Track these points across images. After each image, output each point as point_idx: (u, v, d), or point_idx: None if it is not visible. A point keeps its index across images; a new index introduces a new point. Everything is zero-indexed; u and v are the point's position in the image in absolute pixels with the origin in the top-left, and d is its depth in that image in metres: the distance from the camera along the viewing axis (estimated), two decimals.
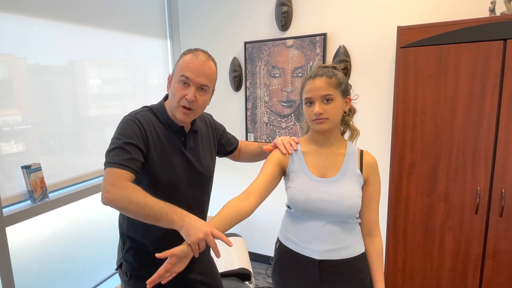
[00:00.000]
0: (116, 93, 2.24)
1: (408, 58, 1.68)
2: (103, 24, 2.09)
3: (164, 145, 1.09)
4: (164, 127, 1.11)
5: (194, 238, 0.86)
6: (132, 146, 1.00)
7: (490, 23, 1.50)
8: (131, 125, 1.04)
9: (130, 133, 1.02)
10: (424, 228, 1.80)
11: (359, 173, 1.10)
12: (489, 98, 1.56)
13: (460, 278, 1.76)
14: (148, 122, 1.08)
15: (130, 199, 0.90)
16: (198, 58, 1.06)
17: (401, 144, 1.77)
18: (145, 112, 1.11)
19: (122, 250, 1.16)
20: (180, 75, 1.05)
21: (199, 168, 1.18)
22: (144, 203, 0.90)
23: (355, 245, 1.10)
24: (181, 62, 1.08)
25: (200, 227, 0.87)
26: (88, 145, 2.00)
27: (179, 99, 1.06)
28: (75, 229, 1.95)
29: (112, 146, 1.01)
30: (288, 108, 2.44)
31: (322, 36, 2.26)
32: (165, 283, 0.83)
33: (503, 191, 1.60)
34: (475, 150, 1.63)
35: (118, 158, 0.97)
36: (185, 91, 1.05)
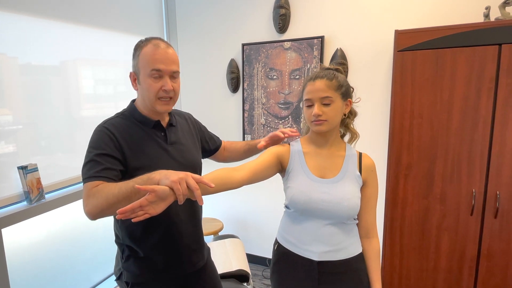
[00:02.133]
0: (110, 93, 2.21)
1: (405, 61, 1.70)
2: (98, 23, 2.06)
3: (142, 145, 1.07)
4: (139, 128, 1.10)
5: (175, 177, 0.81)
6: (104, 156, 0.99)
7: (486, 28, 1.53)
8: (100, 136, 1.02)
9: (101, 144, 1.00)
10: (420, 230, 1.83)
11: (358, 174, 1.11)
12: (484, 102, 1.59)
13: (456, 278, 1.78)
14: (119, 128, 1.06)
15: (106, 195, 0.88)
16: (160, 47, 1.05)
17: (398, 146, 1.79)
18: (115, 119, 1.09)
19: (122, 259, 1.15)
20: (150, 69, 1.03)
21: (184, 161, 1.16)
22: (119, 188, 0.88)
23: (352, 245, 1.11)
24: (143, 56, 1.05)
25: (176, 173, 0.84)
26: (81, 146, 1.95)
27: (156, 92, 1.05)
28: (71, 231, 1.93)
29: (85, 160, 1.00)
30: (285, 110, 2.46)
31: (319, 39, 2.28)
32: (135, 221, 0.77)
33: (498, 193, 1.62)
34: (471, 152, 1.66)
35: (91, 172, 0.96)
36: (160, 83, 1.04)
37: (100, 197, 0.88)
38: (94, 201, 0.89)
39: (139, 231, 1.08)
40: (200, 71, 2.73)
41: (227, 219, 2.85)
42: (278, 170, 1.15)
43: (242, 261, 1.85)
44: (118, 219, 0.76)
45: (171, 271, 1.14)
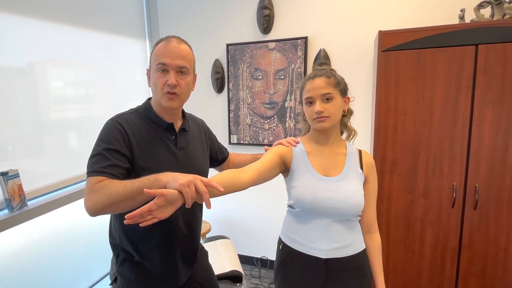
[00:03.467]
0: (81, 95, 2.07)
1: (389, 61, 1.76)
2: (69, 20, 1.92)
3: (151, 146, 1.05)
4: (152, 127, 1.08)
5: (184, 181, 0.80)
6: (113, 152, 0.96)
7: (463, 29, 1.62)
8: (111, 129, 1.00)
9: (111, 139, 0.98)
10: (405, 223, 1.89)
11: (360, 171, 1.13)
12: (463, 99, 1.68)
13: (439, 269, 1.86)
14: (131, 124, 1.04)
15: (109, 193, 0.86)
16: (170, 43, 1.06)
17: (383, 143, 1.85)
18: (129, 115, 1.07)
19: (116, 263, 1.12)
20: (156, 63, 1.04)
21: (190, 168, 1.14)
22: (123, 186, 0.87)
23: (357, 242, 1.13)
24: (155, 52, 1.06)
25: (185, 175, 0.83)
26: (52, 150, 1.83)
27: (162, 87, 1.04)
28: (53, 239, 1.85)
29: (93, 153, 0.98)
30: (271, 110, 2.47)
31: (303, 39, 2.31)
32: (143, 226, 0.76)
33: (477, 186, 1.71)
34: (451, 148, 1.74)
35: (97, 166, 0.94)
36: (165, 77, 1.04)
37: (103, 193, 0.86)
38: (96, 197, 0.87)
39: (138, 233, 1.06)
40: None
41: (214, 220, 2.83)
42: (281, 170, 1.16)
43: (234, 262, 1.85)
44: (126, 223, 0.75)
45: (167, 280, 1.12)
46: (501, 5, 1.71)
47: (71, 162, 1.96)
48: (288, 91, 2.40)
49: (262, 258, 2.74)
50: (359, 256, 1.12)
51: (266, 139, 2.52)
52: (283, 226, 1.22)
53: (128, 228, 1.05)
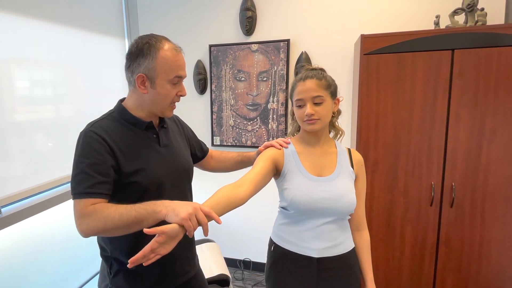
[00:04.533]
0: (49, 96, 1.92)
1: (371, 64, 1.81)
2: (35, 13, 1.78)
3: (135, 148, 1.01)
4: (130, 129, 1.04)
5: (185, 214, 0.79)
6: (96, 166, 0.92)
7: (440, 34, 1.69)
8: (89, 142, 0.95)
9: (91, 152, 0.93)
10: (386, 222, 1.95)
11: (351, 170, 1.15)
12: (440, 102, 1.75)
13: (418, 265, 1.93)
14: (109, 131, 0.98)
15: (104, 220, 0.85)
16: (179, 53, 1.03)
17: (365, 144, 1.90)
18: (103, 121, 1.01)
19: (109, 274, 1.06)
20: (173, 76, 1.00)
21: (178, 164, 1.12)
22: (119, 214, 0.85)
23: (347, 240, 1.15)
24: (164, 60, 0.98)
25: (188, 204, 0.82)
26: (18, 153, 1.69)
27: (173, 98, 1.04)
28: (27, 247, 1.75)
29: (75, 171, 0.93)
30: (254, 111, 2.47)
31: (285, 42, 2.33)
32: (147, 264, 0.76)
33: (453, 185, 1.79)
34: (429, 148, 1.80)
35: (82, 187, 0.90)
36: (176, 88, 1.03)
37: (97, 219, 0.85)
38: (90, 222, 0.85)
39: (130, 244, 1.02)
40: None
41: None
42: (274, 174, 1.15)
43: (221, 265, 1.83)
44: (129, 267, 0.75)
45: (163, 284, 1.09)
46: (473, 13, 1.81)
47: (42, 166, 1.84)
48: (271, 93, 2.41)
49: (245, 260, 2.73)
50: (349, 254, 1.14)
51: (249, 140, 2.51)
52: (274, 227, 1.22)
53: (120, 240, 1.01)
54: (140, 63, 0.99)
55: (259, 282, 2.55)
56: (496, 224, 1.75)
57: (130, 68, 1.02)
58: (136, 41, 1.02)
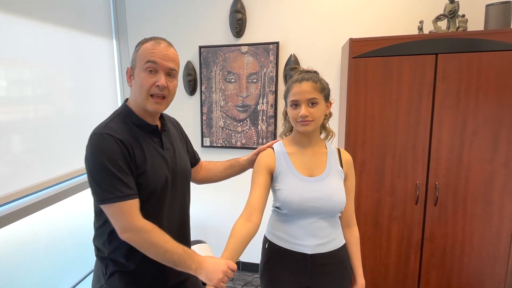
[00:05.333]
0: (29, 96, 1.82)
1: (359, 67, 1.86)
2: (22, 11, 1.74)
3: (142, 151, 1.02)
4: (137, 132, 1.04)
5: (216, 281, 0.95)
6: (121, 167, 0.94)
7: (425, 39, 1.76)
8: (108, 144, 0.95)
9: (113, 155, 0.94)
10: (374, 221, 2.00)
11: (341, 169, 1.19)
12: (424, 104, 1.82)
13: (404, 262, 1.99)
14: (120, 132, 0.99)
15: (152, 244, 0.94)
16: (160, 45, 1.02)
17: (353, 145, 1.95)
18: (112, 123, 1.01)
19: (105, 275, 1.06)
20: (145, 62, 0.99)
21: (179, 168, 1.14)
22: (165, 250, 0.94)
23: (338, 237, 1.19)
24: (142, 51, 1.01)
25: (217, 269, 0.96)
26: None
27: (148, 88, 1.00)
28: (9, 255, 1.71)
29: (103, 174, 0.93)
30: (244, 113, 2.49)
31: (275, 44, 2.37)
32: None
33: (437, 184, 1.86)
34: (414, 149, 1.87)
35: (119, 190, 0.93)
36: (154, 78, 1.00)
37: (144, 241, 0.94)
38: (138, 238, 0.94)
39: (128, 246, 1.01)
40: None
41: None
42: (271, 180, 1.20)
43: None
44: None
45: (158, 285, 1.10)
46: (455, 19, 1.89)
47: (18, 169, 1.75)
48: (260, 95, 2.44)
49: None
50: (340, 250, 1.19)
51: (239, 141, 2.53)
52: (268, 226, 1.25)
53: (119, 242, 1.01)
54: (131, 59, 1.06)
55: (249, 282, 2.56)
56: (476, 221, 1.83)
57: None
58: None
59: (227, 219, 2.70)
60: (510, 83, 1.68)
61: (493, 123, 1.73)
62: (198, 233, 2.77)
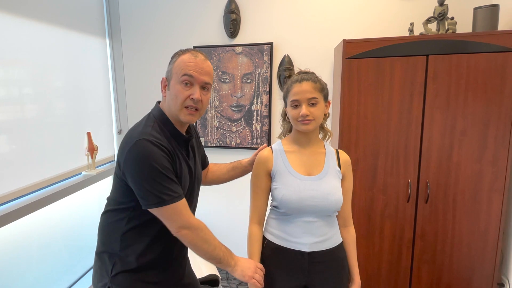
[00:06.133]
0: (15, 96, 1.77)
1: (352, 68, 1.90)
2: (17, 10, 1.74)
3: (180, 160, 1.08)
4: (171, 141, 1.07)
5: (248, 277, 1.09)
6: (170, 170, 1.00)
7: (416, 41, 1.80)
8: (155, 150, 0.98)
9: (162, 159, 0.98)
10: (367, 218, 2.04)
11: (338, 169, 1.22)
12: (416, 104, 1.86)
13: (396, 259, 2.04)
14: (166, 139, 1.04)
15: (205, 240, 1.02)
16: (197, 57, 1.04)
17: (347, 144, 1.98)
18: (154, 131, 1.03)
19: (110, 273, 1.07)
20: (182, 74, 1.02)
21: (197, 175, 1.19)
22: (214, 247, 1.03)
23: (335, 235, 1.21)
24: (179, 63, 1.04)
25: (251, 267, 1.11)
26: None
27: (183, 100, 1.03)
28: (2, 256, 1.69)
29: (156, 178, 0.96)
30: (238, 113, 2.51)
31: (269, 45, 2.39)
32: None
33: (428, 182, 1.91)
34: (406, 148, 1.92)
35: (173, 191, 0.99)
36: (189, 91, 1.03)
37: (200, 237, 1.02)
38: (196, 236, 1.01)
39: (142, 247, 1.06)
40: (148, 73, 2.63)
41: None
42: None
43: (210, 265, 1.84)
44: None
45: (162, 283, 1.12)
46: (444, 21, 1.94)
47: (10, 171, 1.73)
48: (254, 95, 2.46)
49: None
50: (337, 248, 1.21)
51: (233, 141, 2.54)
52: (266, 224, 1.27)
53: (136, 241, 1.05)
54: (167, 69, 1.09)
55: (243, 281, 2.58)
56: (466, 218, 1.89)
57: None
58: None
59: (223, 218, 2.71)
60: (497, 84, 1.73)
61: (481, 122, 1.78)
62: None
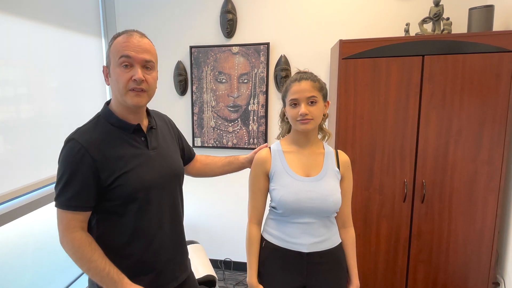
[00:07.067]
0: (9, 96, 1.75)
1: (348, 68, 1.90)
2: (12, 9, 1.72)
3: (119, 153, 0.99)
4: (117, 134, 1.01)
5: None
6: (75, 177, 0.94)
7: (411, 41, 1.81)
8: (68, 151, 0.95)
9: (70, 162, 0.94)
10: (363, 218, 2.05)
11: (337, 170, 1.21)
12: (412, 104, 1.87)
13: (393, 258, 2.04)
14: (92, 138, 0.97)
15: (77, 259, 0.95)
16: (132, 36, 0.97)
17: (344, 144, 1.99)
18: (87, 127, 1.00)
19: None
20: (119, 57, 0.95)
21: (167, 168, 1.10)
22: (88, 269, 0.95)
23: (334, 236, 1.21)
24: (114, 46, 0.98)
25: None
26: None
27: (126, 83, 0.96)
28: None
29: (57, 178, 0.96)
30: (235, 113, 2.50)
31: (265, 45, 2.39)
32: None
33: (424, 181, 1.92)
34: (402, 148, 1.92)
35: (64, 198, 0.95)
36: (130, 72, 0.96)
37: (74, 253, 0.95)
38: (69, 249, 0.95)
39: (114, 253, 1.00)
40: None
41: None
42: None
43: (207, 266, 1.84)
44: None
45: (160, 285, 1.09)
46: (440, 21, 1.95)
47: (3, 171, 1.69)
48: (251, 95, 2.46)
49: (225, 260, 2.75)
50: (336, 249, 1.20)
51: (230, 141, 2.54)
52: (265, 225, 1.26)
53: (104, 247, 1.00)
54: (105, 56, 1.03)
55: (240, 282, 2.58)
56: (461, 218, 1.90)
57: None
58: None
59: (219, 219, 2.70)
60: (492, 84, 1.75)
61: (476, 122, 1.79)
62: (190, 233, 2.76)
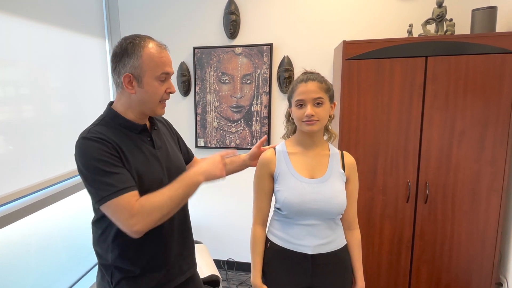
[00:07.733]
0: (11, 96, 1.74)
1: (352, 69, 1.91)
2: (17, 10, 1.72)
3: (133, 153, 1.01)
4: (124, 134, 1.02)
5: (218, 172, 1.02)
6: (112, 162, 0.93)
7: (415, 42, 1.82)
8: (93, 144, 0.94)
9: (101, 154, 0.93)
10: (366, 218, 2.05)
11: (342, 172, 1.20)
12: (415, 105, 1.87)
13: (396, 259, 2.04)
14: (105, 135, 0.97)
15: (159, 209, 0.91)
16: (162, 49, 1.03)
17: (347, 144, 1.99)
18: (96, 128, 1.01)
19: (111, 284, 1.05)
20: (160, 72, 0.99)
21: (173, 165, 1.13)
22: (169, 198, 0.93)
23: (339, 238, 1.21)
24: (151, 58, 0.99)
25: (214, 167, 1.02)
26: None
27: (161, 95, 1.04)
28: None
29: (93, 176, 0.92)
30: (238, 114, 2.51)
31: (269, 46, 2.40)
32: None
33: (427, 182, 1.92)
34: (406, 148, 1.93)
35: (112, 186, 0.90)
36: (165, 85, 1.04)
37: (151, 212, 0.90)
38: (145, 218, 0.90)
39: (132, 251, 1.02)
40: None
41: None
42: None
43: (211, 266, 1.85)
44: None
45: (164, 285, 1.10)
46: (443, 22, 1.96)
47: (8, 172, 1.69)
48: (254, 96, 2.46)
49: (228, 260, 2.75)
50: (341, 251, 1.20)
51: (233, 142, 2.55)
52: (270, 226, 1.26)
53: (122, 248, 1.01)
54: (126, 63, 0.99)
55: (243, 282, 2.58)
56: (464, 218, 1.90)
57: (116, 69, 1.01)
58: (120, 42, 1.02)
59: (222, 219, 2.70)
60: (495, 85, 1.75)
61: (479, 123, 1.80)
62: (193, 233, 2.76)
